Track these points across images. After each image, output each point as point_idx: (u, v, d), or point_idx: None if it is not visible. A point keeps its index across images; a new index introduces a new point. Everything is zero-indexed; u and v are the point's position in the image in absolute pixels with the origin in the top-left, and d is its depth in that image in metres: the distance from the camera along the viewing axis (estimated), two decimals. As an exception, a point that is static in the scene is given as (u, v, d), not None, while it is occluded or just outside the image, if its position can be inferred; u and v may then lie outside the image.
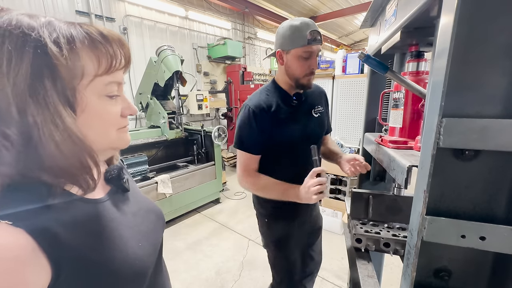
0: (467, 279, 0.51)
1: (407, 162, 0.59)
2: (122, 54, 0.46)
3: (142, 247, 0.52)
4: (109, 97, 0.46)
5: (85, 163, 0.42)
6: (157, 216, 0.64)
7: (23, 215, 0.36)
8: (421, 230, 0.45)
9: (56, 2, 3.32)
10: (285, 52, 1.08)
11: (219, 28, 5.65)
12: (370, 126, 1.29)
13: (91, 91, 0.43)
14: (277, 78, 1.20)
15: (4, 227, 0.34)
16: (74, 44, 0.40)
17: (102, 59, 0.43)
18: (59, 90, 0.39)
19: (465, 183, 0.46)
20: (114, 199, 0.54)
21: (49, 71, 0.37)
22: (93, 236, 0.44)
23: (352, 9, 6.48)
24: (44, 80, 0.37)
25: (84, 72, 0.41)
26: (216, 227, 3.10)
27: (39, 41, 0.37)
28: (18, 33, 0.36)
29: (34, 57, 0.36)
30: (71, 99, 0.40)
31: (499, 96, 0.41)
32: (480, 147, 0.42)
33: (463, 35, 0.40)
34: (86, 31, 0.42)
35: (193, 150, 3.72)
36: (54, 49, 0.37)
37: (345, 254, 1.05)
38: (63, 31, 0.40)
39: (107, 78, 0.44)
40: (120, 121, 0.49)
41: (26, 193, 0.38)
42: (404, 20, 0.66)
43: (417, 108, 0.82)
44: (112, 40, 0.44)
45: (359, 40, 10.47)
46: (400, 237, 0.86)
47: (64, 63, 0.38)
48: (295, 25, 1.03)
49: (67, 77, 0.39)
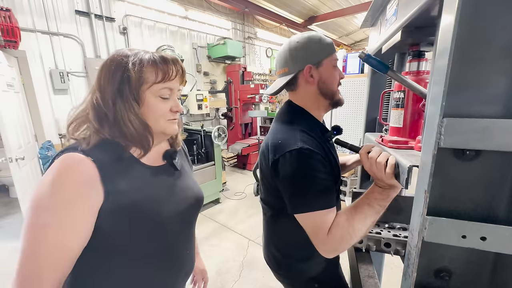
0: (467, 279, 0.51)
1: (408, 162, 0.59)
2: (175, 70, 0.68)
3: (166, 209, 0.69)
4: (162, 98, 0.68)
5: (145, 133, 0.66)
6: (193, 195, 0.80)
7: (102, 158, 0.60)
8: (422, 230, 0.45)
9: (56, 1, 3.32)
10: (315, 66, 0.87)
11: (219, 28, 5.65)
12: (371, 126, 1.29)
13: (150, 92, 0.66)
14: (306, 105, 0.92)
15: (88, 161, 0.58)
16: (142, 64, 0.64)
17: (159, 73, 0.66)
18: (132, 91, 0.63)
19: (465, 183, 0.46)
20: (163, 170, 0.75)
21: (128, 80, 0.63)
22: (135, 185, 0.64)
23: (352, 8, 6.47)
24: (125, 85, 0.63)
25: (145, 80, 0.64)
26: (216, 227, 3.10)
27: (126, 64, 0.63)
28: (119, 59, 0.64)
29: (122, 72, 0.63)
30: (136, 97, 0.64)
31: (500, 96, 0.41)
32: (481, 147, 0.41)
33: (464, 35, 0.40)
34: (153, 56, 0.66)
35: (193, 150, 3.72)
36: (130, 67, 0.62)
37: (345, 254, 1.05)
38: (140, 56, 0.64)
39: (161, 85, 0.66)
40: (169, 114, 0.70)
41: (110, 146, 0.64)
42: (405, 20, 0.66)
43: (418, 108, 0.82)
44: (167, 61, 0.67)
45: (359, 40, 10.46)
46: (401, 237, 0.86)
47: (134, 75, 0.62)
48: (315, 34, 0.88)
49: (136, 83, 0.63)
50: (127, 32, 4.04)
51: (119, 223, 0.61)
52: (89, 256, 0.61)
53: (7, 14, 2.59)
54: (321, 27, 8.02)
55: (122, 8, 4.00)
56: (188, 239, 0.81)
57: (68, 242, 0.56)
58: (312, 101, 0.92)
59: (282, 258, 0.99)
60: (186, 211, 0.76)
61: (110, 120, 0.63)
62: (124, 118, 0.63)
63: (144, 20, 4.28)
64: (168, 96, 0.69)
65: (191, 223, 0.83)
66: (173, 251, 0.74)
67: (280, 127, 0.89)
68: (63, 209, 0.54)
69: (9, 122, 2.41)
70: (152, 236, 0.67)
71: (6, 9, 2.61)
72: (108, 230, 0.60)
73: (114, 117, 0.63)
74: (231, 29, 5.93)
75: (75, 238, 0.56)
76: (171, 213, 0.71)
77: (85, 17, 3.60)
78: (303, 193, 0.78)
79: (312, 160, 0.78)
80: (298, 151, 0.77)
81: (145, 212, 0.65)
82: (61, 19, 3.39)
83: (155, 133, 0.70)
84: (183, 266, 0.79)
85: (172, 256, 0.74)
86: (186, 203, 0.76)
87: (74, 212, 0.55)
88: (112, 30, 3.91)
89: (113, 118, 0.63)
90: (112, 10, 3.88)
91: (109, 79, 0.63)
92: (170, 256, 0.73)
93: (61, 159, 0.57)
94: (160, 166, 0.75)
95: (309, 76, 0.88)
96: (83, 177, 0.57)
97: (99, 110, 0.63)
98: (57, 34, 3.36)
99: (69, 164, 0.56)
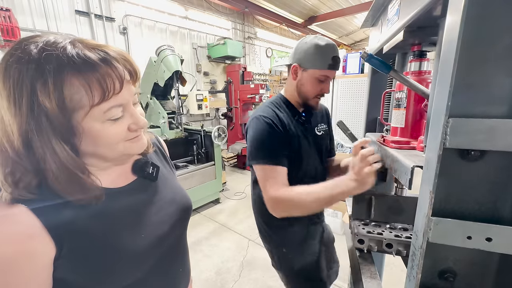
0: (472, 280, 0.50)
1: (411, 163, 0.59)
2: (118, 76, 0.45)
3: (143, 238, 0.55)
4: (112, 120, 0.47)
5: (82, 185, 0.47)
6: (178, 209, 0.66)
7: (35, 203, 0.43)
8: (427, 231, 0.45)
9: (56, 1, 3.31)
10: (301, 69, 1.04)
11: (219, 27, 5.64)
12: (371, 126, 1.29)
13: (90, 119, 0.44)
14: (285, 92, 1.15)
15: (21, 209, 0.43)
16: (62, 81, 0.41)
17: (94, 89, 0.43)
18: (55, 129, 0.42)
19: (470, 184, 0.46)
20: (134, 189, 0.59)
21: (42, 111, 0.41)
22: (96, 220, 0.49)
23: (352, 8, 6.47)
24: (41, 118, 0.41)
25: (76, 106, 0.43)
26: (216, 227, 3.09)
27: (34, 80, 0.40)
28: (18, 68, 0.40)
29: (29, 98, 0.40)
30: (66, 135, 0.44)
31: (505, 96, 0.41)
32: (487, 147, 0.41)
33: (469, 35, 0.39)
34: (74, 59, 0.42)
35: (193, 150, 3.72)
36: (40, 90, 0.40)
37: (346, 254, 1.04)
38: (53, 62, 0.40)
39: (105, 105, 0.45)
40: (128, 134, 0.51)
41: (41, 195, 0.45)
42: (408, 19, 0.66)
43: (419, 108, 0.81)
44: (101, 66, 0.43)
45: (359, 40, 10.47)
46: (402, 237, 0.86)
47: (51, 105, 0.40)
48: (320, 45, 0.98)
49: (60, 116, 0.42)
50: (127, 32, 4.03)
51: (85, 269, 0.48)
52: None
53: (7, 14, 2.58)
54: (321, 27, 8.02)
55: (122, 8, 3.99)
56: (178, 256, 0.70)
57: None
58: (290, 92, 1.11)
59: (259, 221, 1.21)
60: (170, 230, 0.63)
61: (28, 171, 0.43)
62: (46, 168, 0.43)
63: (144, 20, 4.27)
64: (121, 114, 0.48)
65: (180, 238, 0.69)
66: (162, 275, 0.63)
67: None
68: (4, 279, 0.41)
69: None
70: (130, 270, 0.54)
71: (6, 9, 2.60)
72: (74, 278, 0.48)
73: (33, 166, 0.43)
74: (231, 29, 5.93)
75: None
76: (151, 240, 0.57)
77: (85, 17, 3.60)
78: (255, 149, 1.00)
79: (267, 126, 0.99)
80: (258, 118, 1.02)
81: (115, 249, 0.51)
82: (61, 19, 3.38)
83: (113, 159, 0.54)
84: (177, 285, 0.69)
85: (162, 281, 0.64)
86: (169, 222, 0.63)
87: (19, 278, 0.43)
88: (112, 30, 3.90)
89: (32, 169, 0.43)
90: (112, 10, 3.87)
91: (11, 109, 0.40)
92: (161, 281, 0.63)
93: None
94: (129, 184, 0.58)
95: (294, 73, 1.06)
96: (20, 231, 0.42)
97: (7, 157, 0.43)
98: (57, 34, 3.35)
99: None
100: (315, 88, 1.04)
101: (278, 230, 1.15)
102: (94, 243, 0.49)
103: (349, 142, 0.89)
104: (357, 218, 1.02)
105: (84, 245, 0.48)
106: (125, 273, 0.53)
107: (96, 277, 0.50)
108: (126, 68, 0.48)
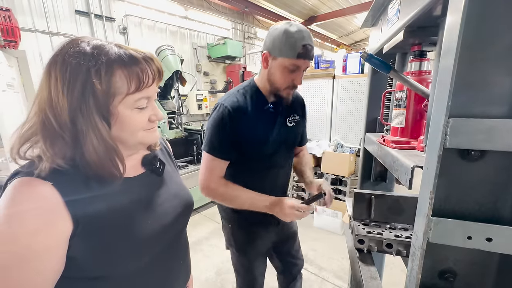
0: (472, 280, 0.51)
1: (411, 163, 0.59)
2: (151, 73, 0.56)
3: (150, 224, 0.61)
4: (138, 109, 0.57)
5: (113, 161, 0.55)
6: (181, 202, 0.73)
7: (63, 179, 0.50)
8: (427, 231, 0.45)
9: (56, 1, 3.31)
10: (271, 57, 0.98)
11: (219, 27, 5.64)
12: (371, 126, 1.29)
13: (123, 105, 0.54)
14: (257, 80, 1.10)
15: (48, 186, 0.49)
16: (111, 71, 0.51)
17: (132, 81, 0.53)
18: (99, 108, 0.51)
19: (470, 184, 0.46)
20: (143, 180, 0.66)
21: (92, 93, 0.49)
22: (108, 205, 0.55)
23: (352, 8, 6.47)
24: (89, 100, 0.50)
25: (116, 92, 0.52)
26: (216, 227, 3.09)
27: (88, 70, 0.49)
28: (75, 62, 0.49)
29: (84, 82, 0.49)
30: (106, 115, 0.52)
31: (506, 96, 0.41)
32: (487, 147, 0.41)
33: (469, 34, 0.39)
34: (123, 56, 0.52)
35: (193, 150, 3.72)
36: (94, 75, 0.49)
37: (345, 254, 1.05)
38: (105, 59, 0.50)
39: (137, 95, 0.55)
40: (147, 125, 0.60)
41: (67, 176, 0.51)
42: (408, 19, 0.66)
43: (420, 108, 0.81)
44: (140, 61, 0.54)
45: (359, 40, 10.46)
46: (402, 237, 0.86)
47: (101, 88, 0.50)
48: (290, 31, 0.92)
49: (104, 98, 0.51)
50: (127, 32, 4.03)
51: (95, 249, 0.53)
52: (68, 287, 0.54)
53: (7, 14, 2.58)
54: (321, 27, 8.01)
55: (122, 8, 3.99)
56: (180, 249, 0.75)
57: (35, 281, 0.48)
58: (262, 81, 1.07)
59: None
60: (173, 222, 0.68)
61: (68, 143, 0.51)
62: (87, 142, 0.51)
63: (144, 20, 4.27)
64: (146, 105, 0.58)
65: (181, 231, 0.76)
66: (164, 265, 0.67)
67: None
68: (25, 246, 0.46)
69: (9, 122, 2.40)
70: (136, 255, 0.59)
71: (6, 9, 2.60)
72: (84, 258, 0.53)
73: (73, 140, 0.51)
74: (231, 29, 5.92)
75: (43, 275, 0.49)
76: (156, 228, 0.63)
77: (85, 17, 3.59)
78: (206, 136, 1.07)
79: (221, 116, 1.00)
80: (219, 106, 1.03)
81: (124, 232, 0.57)
82: (61, 19, 3.38)
83: (129, 145, 0.61)
84: (177, 277, 0.74)
85: (164, 271, 0.68)
86: (173, 214, 0.68)
87: (39, 247, 0.47)
88: (112, 30, 3.90)
89: (72, 141, 0.51)
90: (112, 10, 3.87)
91: (64, 89, 0.49)
92: (162, 271, 0.67)
93: (15, 186, 0.48)
94: (139, 175, 0.66)
95: (264, 61, 1.02)
96: (44, 205, 0.48)
97: (51, 130, 0.50)
98: (57, 34, 3.35)
99: (25, 192, 0.48)
100: (285, 78, 0.99)
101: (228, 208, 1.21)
102: (106, 225, 0.54)
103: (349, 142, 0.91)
104: (358, 218, 1.02)
105: (97, 225, 0.53)
106: (130, 257, 0.58)
107: (104, 258, 0.55)
108: (157, 68, 0.58)
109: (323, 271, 2.28)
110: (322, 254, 2.52)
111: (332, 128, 3.47)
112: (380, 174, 1.28)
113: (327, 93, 3.41)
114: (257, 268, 1.27)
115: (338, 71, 3.33)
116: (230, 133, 1.01)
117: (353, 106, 3.23)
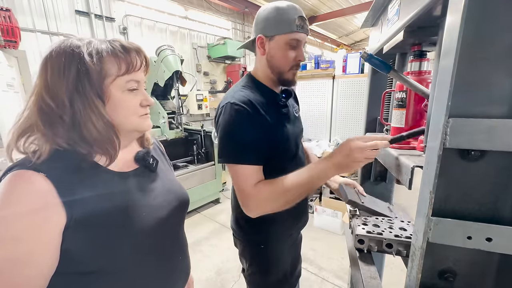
0: (472, 280, 0.50)
1: (411, 163, 0.59)
2: (139, 60, 0.61)
3: (145, 216, 0.63)
4: (129, 91, 0.60)
5: (110, 137, 0.58)
6: (176, 197, 0.74)
7: (57, 171, 0.52)
8: (427, 231, 0.45)
9: (56, 1, 3.31)
10: (268, 38, 0.90)
11: (219, 27, 5.64)
12: (371, 126, 1.29)
13: (115, 87, 0.58)
14: (256, 73, 0.98)
15: (41, 177, 0.50)
16: (101, 54, 0.56)
17: (122, 64, 0.58)
18: (93, 86, 0.55)
19: (470, 184, 0.46)
20: (136, 175, 0.67)
21: (86, 74, 0.53)
22: (102, 197, 0.57)
23: (352, 8, 6.47)
24: (84, 80, 0.54)
25: (107, 73, 0.56)
26: (216, 227, 3.09)
27: (80, 55, 0.54)
28: (69, 50, 0.54)
29: (78, 65, 0.53)
30: (100, 93, 0.56)
31: (505, 96, 0.41)
32: (487, 147, 0.41)
33: (469, 34, 0.39)
34: (112, 44, 0.58)
35: (193, 150, 3.72)
36: (88, 59, 0.54)
37: (345, 254, 1.04)
38: (96, 46, 0.56)
39: (127, 77, 0.59)
40: (140, 110, 0.63)
41: (67, 155, 0.55)
42: (408, 19, 0.66)
43: (420, 108, 0.81)
44: (130, 50, 0.60)
45: (359, 40, 10.47)
46: (402, 237, 0.86)
47: (93, 67, 0.54)
48: (281, 7, 0.87)
49: (97, 77, 0.55)
50: (127, 32, 4.03)
51: (89, 240, 0.54)
52: (63, 283, 0.55)
53: (7, 14, 2.58)
54: (321, 27, 8.02)
55: (122, 8, 3.99)
56: (178, 246, 0.75)
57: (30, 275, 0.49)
58: (261, 70, 0.96)
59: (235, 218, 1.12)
60: (169, 216, 0.69)
61: (67, 123, 0.54)
62: (85, 120, 0.54)
63: (144, 20, 4.27)
64: (136, 87, 0.61)
65: (178, 227, 0.76)
66: (160, 261, 0.67)
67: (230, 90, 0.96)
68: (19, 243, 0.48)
69: (9, 122, 2.40)
70: (131, 247, 0.60)
71: (6, 9, 2.60)
72: (78, 250, 0.53)
73: (72, 119, 0.54)
74: (231, 29, 5.92)
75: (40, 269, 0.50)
76: (150, 221, 0.63)
77: (85, 17, 3.60)
78: (226, 144, 0.86)
79: (238, 116, 0.84)
80: (230, 106, 0.86)
81: (119, 223, 0.58)
82: (61, 19, 3.38)
83: (124, 133, 0.63)
84: (175, 274, 0.73)
85: (160, 266, 0.67)
86: (168, 208, 0.69)
87: (33, 243, 0.49)
88: (112, 30, 3.90)
89: (71, 121, 0.54)
90: (112, 10, 3.87)
91: (60, 74, 0.53)
92: (159, 267, 0.67)
93: (8, 180, 0.50)
94: (132, 171, 0.67)
95: (260, 46, 0.92)
96: (37, 201, 0.49)
97: (50, 113, 0.53)
98: (57, 34, 3.35)
99: (18, 187, 0.49)
100: (288, 56, 0.90)
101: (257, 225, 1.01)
102: (100, 215, 0.55)
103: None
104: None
105: (91, 216, 0.54)
106: (125, 249, 0.59)
107: (99, 250, 0.55)
108: (144, 56, 0.64)
109: (323, 271, 2.28)
110: (322, 254, 2.52)
111: (332, 128, 3.47)
112: (380, 174, 1.28)
113: (327, 93, 3.41)
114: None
115: (338, 71, 3.33)
116: (259, 130, 0.86)
117: (353, 106, 3.23)
